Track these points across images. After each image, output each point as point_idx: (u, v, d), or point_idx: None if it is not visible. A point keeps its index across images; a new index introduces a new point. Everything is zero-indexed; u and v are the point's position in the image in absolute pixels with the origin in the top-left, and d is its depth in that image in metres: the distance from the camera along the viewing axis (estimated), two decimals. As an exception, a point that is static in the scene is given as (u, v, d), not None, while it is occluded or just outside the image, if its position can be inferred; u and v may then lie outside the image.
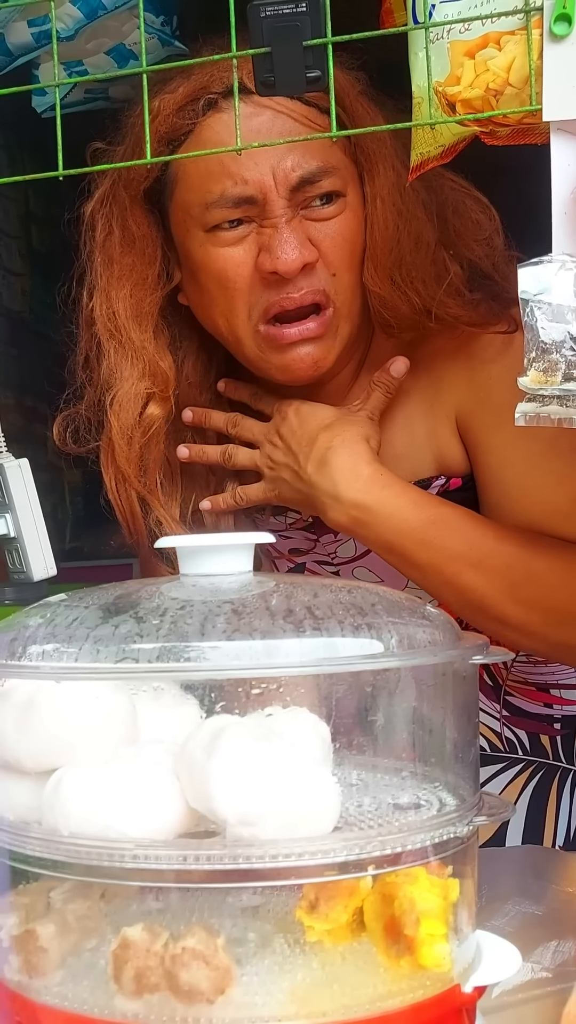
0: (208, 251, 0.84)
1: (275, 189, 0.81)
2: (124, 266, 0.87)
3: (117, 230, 0.87)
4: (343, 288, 0.84)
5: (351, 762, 0.53)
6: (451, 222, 0.87)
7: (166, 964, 0.45)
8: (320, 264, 0.83)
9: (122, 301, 0.87)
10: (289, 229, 0.81)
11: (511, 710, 1.00)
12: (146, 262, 0.88)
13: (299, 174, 0.81)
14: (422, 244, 0.84)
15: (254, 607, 0.50)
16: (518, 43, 0.58)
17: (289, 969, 0.47)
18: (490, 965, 0.50)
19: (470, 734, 0.53)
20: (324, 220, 0.83)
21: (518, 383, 0.58)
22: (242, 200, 0.81)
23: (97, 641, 0.48)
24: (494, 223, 0.88)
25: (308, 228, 0.82)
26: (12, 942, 0.49)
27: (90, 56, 0.96)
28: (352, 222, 0.84)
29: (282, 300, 0.82)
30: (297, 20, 0.57)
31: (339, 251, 0.83)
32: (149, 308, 0.88)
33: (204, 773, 0.45)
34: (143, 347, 0.88)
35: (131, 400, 0.88)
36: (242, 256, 0.83)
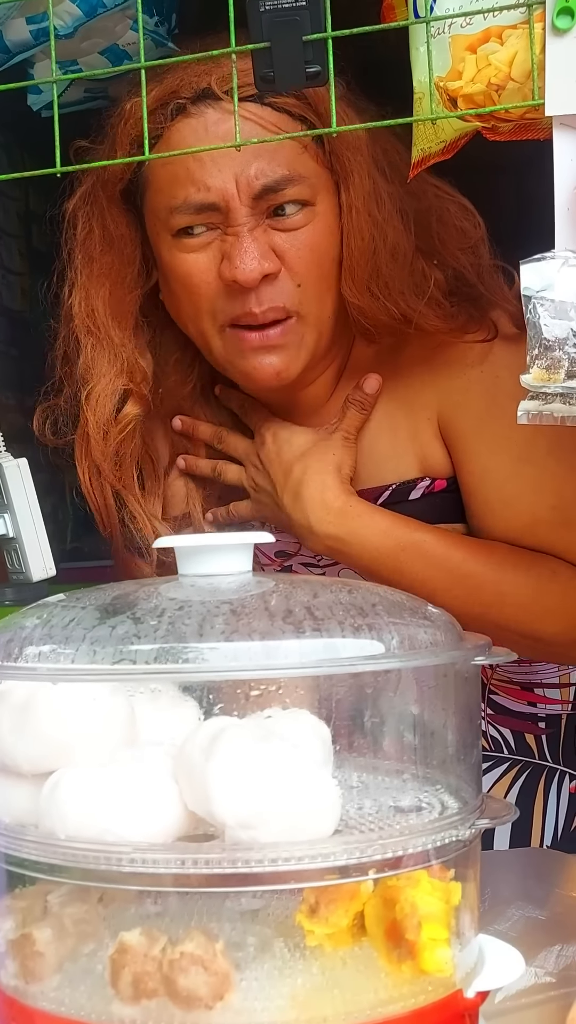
0: (175, 255, 0.84)
1: (237, 197, 0.80)
2: (103, 264, 0.88)
3: (97, 229, 0.88)
4: (308, 299, 0.83)
5: (352, 764, 0.52)
6: (435, 229, 0.86)
7: (164, 969, 0.44)
8: (284, 274, 0.82)
9: (101, 299, 0.88)
10: (251, 238, 0.80)
11: (496, 708, 1.00)
12: (124, 261, 0.88)
13: (262, 182, 0.80)
14: (399, 254, 0.84)
15: (253, 608, 0.49)
16: (520, 37, 0.58)
17: (289, 974, 0.46)
18: (493, 970, 0.50)
19: (472, 736, 0.53)
20: (290, 230, 0.82)
21: (520, 381, 0.58)
22: (204, 207, 0.81)
23: (94, 642, 0.47)
24: (479, 231, 0.88)
25: (273, 237, 0.82)
26: (8, 946, 0.49)
27: (85, 56, 0.96)
28: (321, 232, 0.83)
29: (245, 315, 0.82)
30: (297, 15, 0.57)
31: (304, 262, 0.82)
32: (128, 306, 0.89)
33: (203, 775, 0.45)
34: (122, 344, 0.88)
35: (108, 396, 0.88)
36: (206, 263, 0.82)
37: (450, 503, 0.91)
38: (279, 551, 0.98)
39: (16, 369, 2.45)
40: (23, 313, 2.52)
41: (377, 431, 0.91)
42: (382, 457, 0.91)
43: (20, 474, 0.86)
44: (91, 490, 0.91)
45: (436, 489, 0.91)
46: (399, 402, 0.90)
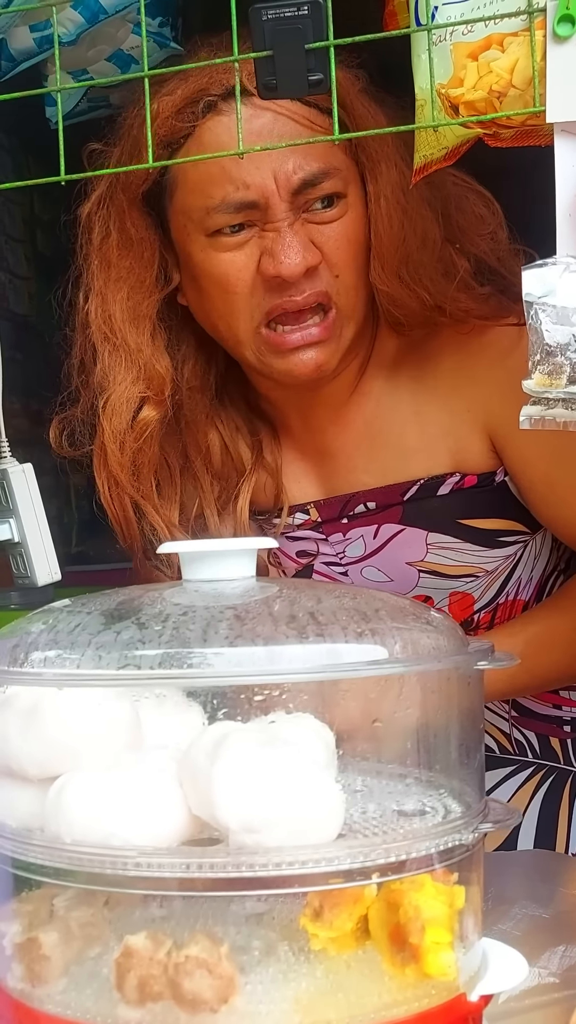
0: (210, 255, 0.84)
1: (277, 193, 0.80)
2: (121, 269, 0.87)
3: (115, 232, 0.87)
4: (345, 289, 0.83)
5: (355, 768, 0.52)
6: (454, 218, 0.86)
7: (169, 972, 0.44)
8: (323, 266, 0.82)
9: (119, 304, 0.87)
10: (292, 233, 0.81)
11: (520, 711, 0.99)
12: (144, 265, 0.87)
13: (301, 176, 0.80)
14: (428, 240, 0.84)
15: (257, 613, 0.49)
16: (521, 44, 0.58)
17: (293, 977, 0.46)
18: (496, 973, 0.50)
19: (475, 740, 0.53)
20: (326, 223, 0.82)
21: (523, 386, 0.58)
22: (244, 205, 0.81)
23: (99, 647, 0.48)
24: (497, 217, 0.88)
25: (310, 231, 0.82)
26: (15, 950, 0.49)
27: (92, 64, 0.96)
28: (354, 223, 0.83)
29: (285, 303, 0.82)
30: (299, 23, 0.57)
31: (342, 253, 0.83)
32: (146, 311, 0.88)
33: (207, 780, 0.45)
34: (139, 350, 0.87)
35: (124, 404, 0.87)
36: (244, 261, 0.82)
37: (479, 499, 0.89)
38: (300, 551, 0.97)
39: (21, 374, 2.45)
40: (29, 318, 2.53)
41: (404, 424, 0.90)
42: (411, 451, 0.89)
43: (25, 479, 0.86)
44: (111, 502, 0.90)
45: (466, 485, 0.89)
46: (430, 395, 0.89)
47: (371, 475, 0.92)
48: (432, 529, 0.90)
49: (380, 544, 0.93)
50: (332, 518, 0.94)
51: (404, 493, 0.90)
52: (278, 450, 0.96)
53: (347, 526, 0.93)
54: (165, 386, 0.88)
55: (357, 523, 0.93)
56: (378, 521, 0.92)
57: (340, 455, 0.93)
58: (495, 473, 0.90)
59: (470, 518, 0.89)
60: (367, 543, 0.93)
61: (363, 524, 0.92)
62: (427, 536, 0.91)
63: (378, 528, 0.92)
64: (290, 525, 0.96)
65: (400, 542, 0.92)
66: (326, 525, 0.94)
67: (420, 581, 0.93)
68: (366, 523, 0.92)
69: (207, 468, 0.95)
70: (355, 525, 0.93)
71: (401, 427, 0.90)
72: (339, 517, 0.94)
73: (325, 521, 0.94)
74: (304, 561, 0.97)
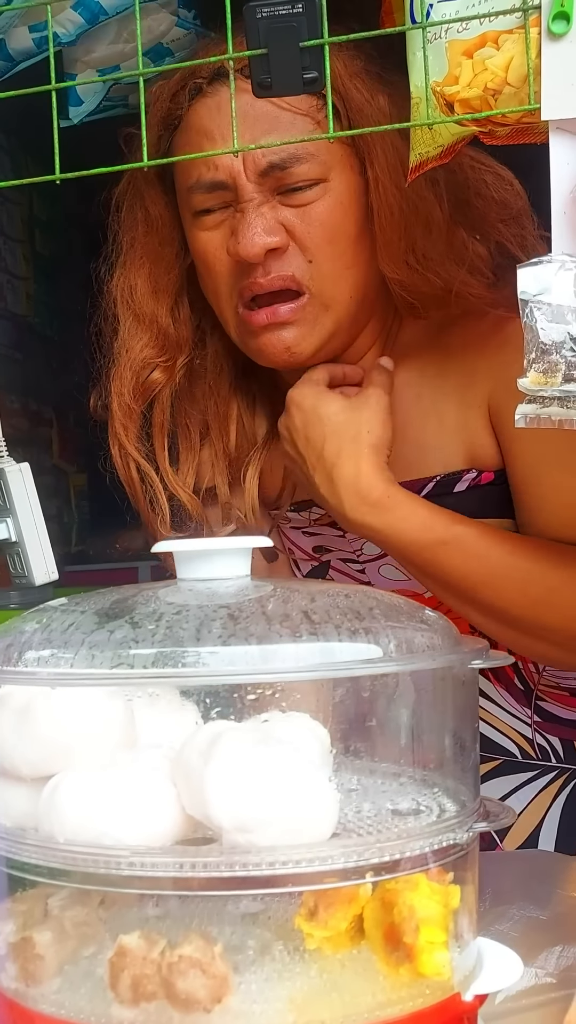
0: (196, 235, 0.86)
1: (243, 174, 0.81)
2: (145, 245, 0.90)
3: (139, 211, 0.90)
4: (321, 276, 0.83)
5: (350, 767, 0.52)
6: (473, 203, 0.85)
7: (163, 972, 0.44)
8: (294, 249, 0.82)
9: (141, 278, 0.90)
10: (256, 214, 0.81)
11: (543, 716, 0.97)
12: (163, 242, 0.90)
13: (268, 159, 0.80)
14: (433, 225, 0.83)
15: (250, 612, 0.49)
16: (516, 42, 0.58)
17: (288, 977, 0.46)
18: (491, 973, 0.50)
19: (470, 738, 0.53)
20: (300, 206, 0.82)
21: (518, 384, 0.58)
22: (215, 185, 0.82)
23: (93, 646, 0.48)
24: (521, 201, 0.85)
25: (283, 213, 0.82)
26: (9, 949, 0.49)
27: (129, 59, 0.96)
28: (334, 208, 0.82)
29: (251, 284, 0.82)
30: (293, 21, 0.57)
31: (315, 237, 0.82)
32: (167, 286, 0.90)
33: (200, 779, 0.45)
34: (154, 318, 0.89)
35: (130, 368, 0.89)
36: (219, 241, 0.83)
37: (497, 497, 0.88)
38: (317, 546, 0.96)
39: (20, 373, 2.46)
40: (27, 317, 2.53)
41: (423, 419, 0.89)
42: (429, 447, 0.89)
43: (22, 478, 0.86)
44: (120, 463, 0.91)
45: (483, 482, 0.88)
46: (449, 390, 0.88)
47: (391, 470, 0.92)
48: None
49: None
50: None
51: (421, 489, 0.89)
52: None
53: None
54: (178, 353, 0.90)
55: None
56: None
57: None
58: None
59: (487, 516, 0.88)
60: None
61: None
62: None
63: None
64: (307, 520, 0.96)
65: None
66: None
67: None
68: None
69: (223, 438, 0.95)
70: None
71: (421, 421, 0.89)
72: None
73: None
74: (321, 557, 0.97)
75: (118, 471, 0.92)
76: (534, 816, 0.97)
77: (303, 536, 0.97)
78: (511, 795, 0.97)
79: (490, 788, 0.98)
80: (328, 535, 0.96)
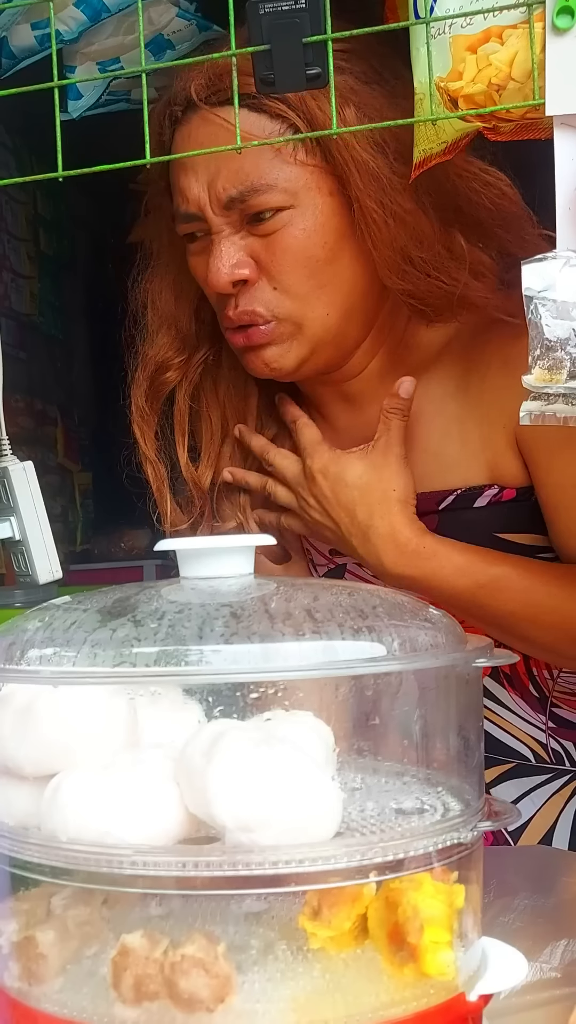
0: (188, 258, 0.88)
1: (209, 206, 0.82)
2: (172, 255, 0.92)
3: (164, 220, 0.91)
4: (291, 301, 0.83)
5: (353, 766, 0.52)
6: (466, 211, 0.84)
7: (165, 972, 0.44)
8: (262, 282, 0.83)
9: (166, 283, 0.92)
10: (225, 245, 0.82)
11: (558, 722, 0.97)
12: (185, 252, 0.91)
13: (228, 193, 0.81)
14: (423, 237, 0.82)
15: (253, 610, 0.49)
16: (520, 37, 0.58)
17: (291, 977, 0.46)
18: (496, 972, 0.50)
19: (474, 737, 0.53)
20: (265, 235, 0.82)
21: (522, 382, 0.57)
22: (188, 216, 0.84)
23: (95, 645, 0.47)
24: (516, 204, 0.84)
25: (251, 243, 0.83)
26: (12, 949, 0.49)
27: (129, 51, 0.96)
28: (298, 235, 0.82)
29: (224, 318, 0.85)
30: (296, 17, 0.57)
31: (280, 266, 0.82)
32: (189, 293, 0.92)
33: (203, 778, 0.45)
34: (175, 320, 0.92)
35: (146, 371, 0.91)
36: (203, 267, 0.85)
37: (518, 513, 0.88)
38: (334, 549, 0.96)
39: (24, 372, 2.46)
40: (31, 316, 2.53)
41: (445, 433, 0.89)
42: (451, 461, 0.89)
43: (26, 477, 0.86)
44: (144, 456, 0.93)
45: (504, 499, 0.88)
46: (473, 406, 0.88)
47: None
48: (468, 540, 0.88)
49: None
50: None
51: (440, 502, 0.89)
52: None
53: None
54: (194, 351, 0.92)
55: None
56: None
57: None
58: (533, 488, 0.88)
59: (508, 532, 0.88)
60: None
61: None
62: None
63: None
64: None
65: None
66: None
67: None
68: None
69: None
70: None
71: (442, 435, 0.89)
72: None
73: None
74: (337, 560, 0.97)
75: (143, 467, 0.94)
76: (547, 819, 0.96)
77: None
78: (524, 798, 0.97)
79: (503, 791, 0.98)
80: None
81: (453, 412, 0.89)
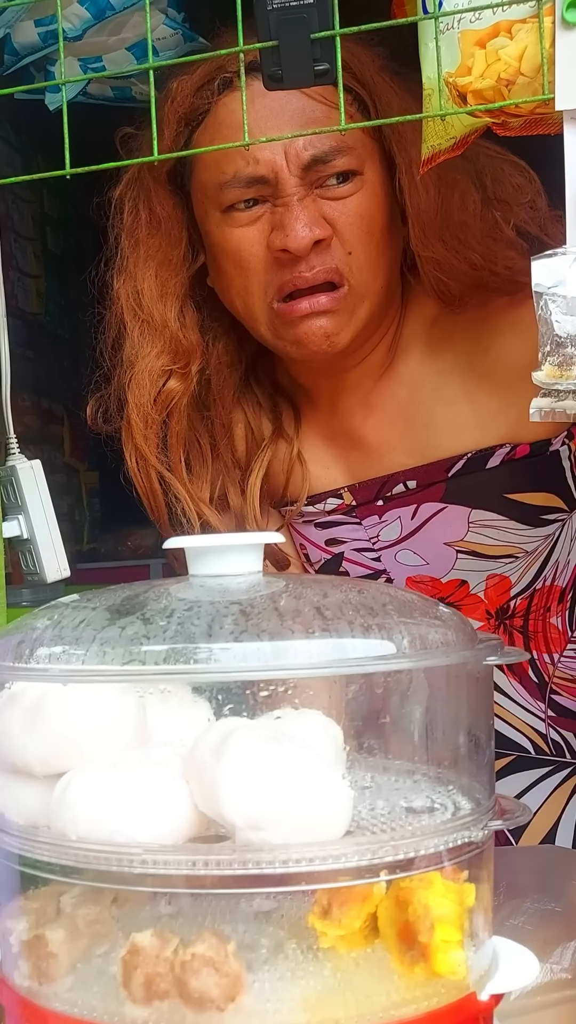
0: (224, 232, 0.85)
1: (286, 168, 0.81)
2: (150, 247, 0.89)
3: (144, 212, 0.89)
4: (359, 267, 0.83)
5: (363, 765, 0.52)
6: (491, 189, 0.86)
7: (176, 971, 0.44)
8: (335, 242, 0.82)
9: (147, 281, 0.89)
10: (301, 207, 0.81)
11: (558, 710, 0.97)
12: (171, 243, 0.89)
13: (311, 153, 0.81)
14: (468, 202, 0.84)
15: (262, 608, 0.49)
16: (530, 32, 0.57)
17: (301, 976, 0.46)
18: (507, 972, 0.49)
19: (485, 736, 0.52)
20: (339, 199, 0.82)
21: (532, 378, 0.57)
22: (254, 180, 0.82)
23: (104, 643, 0.47)
24: (535, 185, 0.87)
25: (322, 206, 0.82)
26: (21, 947, 0.49)
27: (111, 52, 0.96)
28: (370, 200, 0.83)
29: (295, 279, 0.82)
30: (304, 12, 0.57)
31: (355, 229, 0.82)
32: (174, 289, 0.89)
33: (213, 777, 0.45)
34: (164, 324, 0.89)
35: (148, 377, 0.88)
36: (256, 236, 0.83)
37: (529, 470, 0.88)
38: (330, 539, 0.96)
39: (31, 371, 2.46)
40: (38, 315, 2.53)
41: (451, 404, 0.88)
42: (461, 429, 0.89)
43: (34, 476, 0.86)
44: (137, 474, 0.91)
45: (517, 455, 0.88)
46: (483, 375, 0.87)
47: (410, 455, 0.91)
48: (476, 506, 0.89)
49: (418, 525, 0.92)
50: (367, 500, 0.93)
51: (449, 469, 0.89)
52: (298, 431, 0.96)
53: (383, 508, 0.93)
54: (191, 360, 0.89)
55: (394, 504, 0.92)
56: (417, 501, 0.91)
57: (371, 439, 0.93)
58: (550, 442, 0.88)
59: (517, 492, 0.88)
60: (403, 525, 0.92)
61: (400, 505, 0.92)
62: (470, 514, 0.90)
63: (417, 508, 0.91)
64: (321, 512, 0.95)
65: (440, 521, 0.91)
66: (360, 508, 0.93)
67: (457, 563, 0.92)
68: (404, 503, 0.92)
69: (231, 448, 0.96)
70: (392, 506, 0.92)
71: (448, 406, 0.89)
72: (375, 499, 0.93)
73: (360, 504, 0.93)
74: (333, 550, 0.97)
75: (136, 483, 0.91)
76: (550, 815, 0.96)
77: (315, 529, 0.97)
78: (526, 792, 0.97)
79: (505, 786, 0.97)
80: (342, 524, 0.95)
81: (458, 385, 0.89)
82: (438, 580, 0.93)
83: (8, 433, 0.86)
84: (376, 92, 0.83)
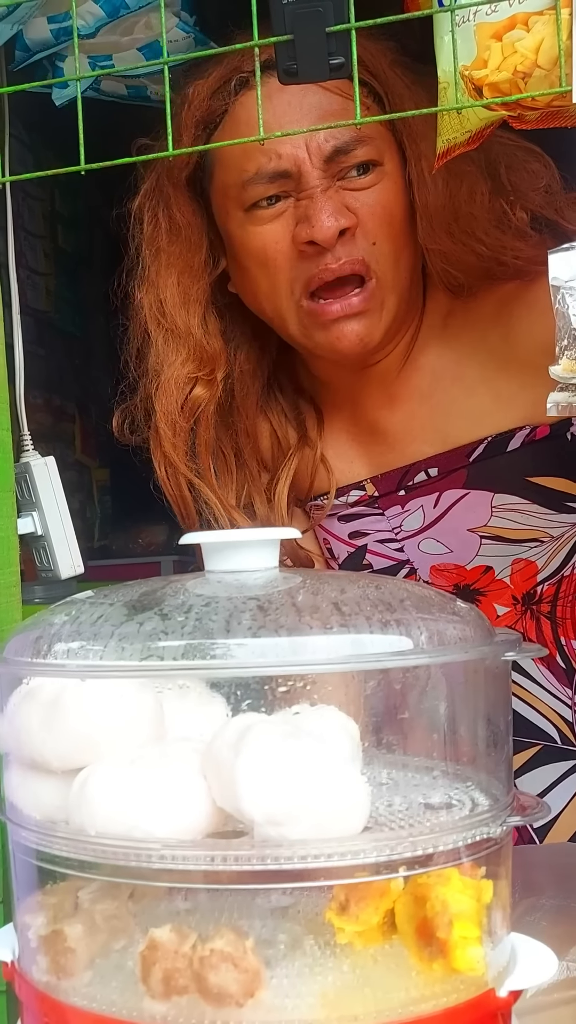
0: (247, 230, 0.85)
1: (309, 160, 0.81)
2: (171, 255, 0.89)
3: (163, 220, 0.89)
4: (383, 257, 0.83)
5: (381, 761, 0.52)
6: (505, 176, 0.86)
7: (194, 966, 0.44)
8: (359, 232, 0.82)
9: (169, 289, 0.89)
10: (325, 198, 0.81)
11: None
12: (192, 249, 0.89)
13: (333, 144, 0.81)
14: (476, 194, 0.83)
15: (280, 603, 0.49)
16: (546, 24, 0.57)
17: (320, 971, 0.46)
18: (525, 968, 0.49)
19: (503, 732, 0.52)
20: (362, 189, 0.82)
21: (550, 373, 0.57)
22: (277, 174, 0.82)
23: (122, 639, 0.47)
24: (550, 170, 0.87)
25: (345, 197, 0.82)
26: (40, 942, 0.49)
27: (122, 51, 0.96)
28: (390, 191, 0.83)
29: (322, 271, 0.82)
30: (319, 6, 0.57)
31: (378, 219, 0.83)
32: (197, 295, 0.89)
33: (231, 772, 0.45)
34: (188, 332, 0.89)
35: (174, 385, 0.89)
36: (280, 232, 0.83)
37: (550, 453, 0.87)
38: (353, 531, 0.96)
39: (42, 369, 2.47)
40: (48, 313, 2.53)
41: (471, 391, 0.88)
42: (481, 414, 0.88)
43: (48, 472, 0.87)
44: (167, 482, 0.91)
45: (537, 437, 0.88)
46: (502, 361, 0.87)
47: (431, 444, 0.91)
48: (499, 490, 0.89)
49: (441, 512, 0.92)
50: (390, 491, 0.93)
51: (470, 454, 0.89)
52: (321, 432, 0.95)
53: (405, 498, 0.93)
54: (216, 367, 0.89)
55: (417, 493, 0.92)
56: (440, 488, 0.91)
57: (394, 430, 0.93)
58: (571, 422, 0.87)
59: (539, 475, 0.88)
60: (427, 513, 0.92)
61: (423, 494, 0.92)
62: (492, 498, 0.90)
63: (439, 496, 0.91)
64: (344, 504, 0.95)
65: (463, 507, 0.91)
66: (383, 499, 0.94)
67: (482, 548, 0.92)
68: (427, 492, 0.92)
69: (256, 456, 0.96)
70: (414, 496, 0.92)
71: (466, 393, 0.89)
72: (397, 489, 0.93)
73: (382, 495, 0.93)
74: (357, 543, 0.96)
75: (165, 490, 0.91)
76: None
77: (338, 523, 0.97)
78: (554, 787, 0.96)
79: (532, 779, 0.96)
80: (365, 516, 0.95)
81: (477, 372, 0.89)
82: (463, 567, 0.93)
83: (22, 430, 0.87)
84: (389, 86, 0.83)
